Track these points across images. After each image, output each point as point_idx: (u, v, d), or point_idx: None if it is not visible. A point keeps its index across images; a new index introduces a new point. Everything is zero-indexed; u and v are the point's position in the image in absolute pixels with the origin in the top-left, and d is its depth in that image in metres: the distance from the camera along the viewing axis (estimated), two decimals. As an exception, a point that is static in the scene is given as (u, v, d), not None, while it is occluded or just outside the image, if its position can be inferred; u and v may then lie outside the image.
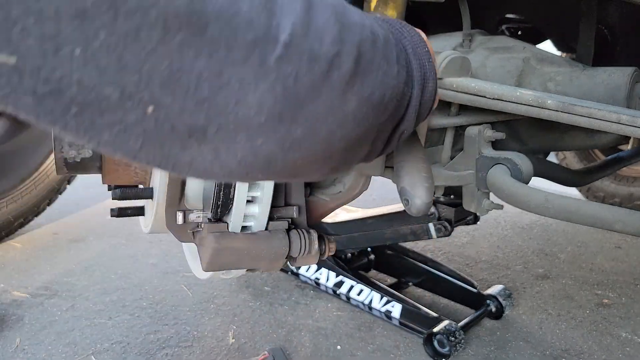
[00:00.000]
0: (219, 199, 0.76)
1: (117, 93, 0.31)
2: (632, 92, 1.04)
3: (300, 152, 0.40)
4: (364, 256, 1.85)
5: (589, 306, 1.73)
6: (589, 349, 1.46)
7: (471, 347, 1.46)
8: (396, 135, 0.51)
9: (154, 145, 0.35)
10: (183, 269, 1.95)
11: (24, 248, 2.18)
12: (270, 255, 0.79)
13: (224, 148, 0.37)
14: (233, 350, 1.41)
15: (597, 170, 1.40)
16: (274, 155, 0.39)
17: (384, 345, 1.45)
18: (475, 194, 1.04)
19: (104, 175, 0.82)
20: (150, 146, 0.35)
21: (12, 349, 1.40)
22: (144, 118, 0.33)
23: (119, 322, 1.55)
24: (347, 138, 0.42)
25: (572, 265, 2.09)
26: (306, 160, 0.42)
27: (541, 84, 1.11)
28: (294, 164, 0.41)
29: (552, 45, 1.49)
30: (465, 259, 2.11)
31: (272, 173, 0.42)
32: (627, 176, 2.63)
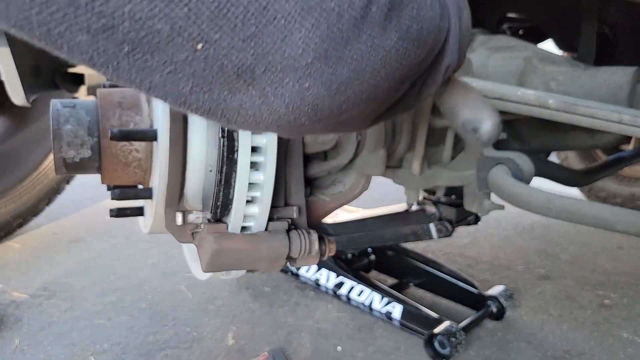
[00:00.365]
0: (218, 200, 0.75)
1: (168, 28, 0.32)
2: (634, 91, 1.03)
3: (347, 94, 0.40)
4: (365, 257, 1.84)
5: (591, 307, 1.72)
6: (591, 350, 1.46)
7: (472, 348, 1.45)
8: (441, 70, 0.50)
9: (204, 89, 0.36)
10: (182, 269, 1.94)
11: (23, 248, 2.18)
12: (270, 256, 0.79)
13: (272, 91, 0.37)
14: (233, 352, 1.40)
15: (598, 170, 1.39)
16: (322, 100, 0.39)
17: (385, 346, 1.45)
18: (476, 194, 1.03)
19: (103, 175, 0.82)
20: (200, 89, 0.36)
21: (10, 350, 1.40)
22: (193, 57, 0.34)
23: (118, 323, 1.55)
24: (390, 77, 0.42)
25: (574, 265, 2.08)
26: (352, 103, 0.42)
27: (543, 84, 1.11)
28: (340, 108, 0.41)
29: (553, 45, 1.49)
30: (466, 260, 2.11)
31: (319, 120, 0.42)
32: (628, 176, 2.63)
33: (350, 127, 0.48)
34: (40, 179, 2.24)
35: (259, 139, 0.75)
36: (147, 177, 0.84)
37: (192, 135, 0.74)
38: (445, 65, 0.50)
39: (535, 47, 1.15)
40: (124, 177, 0.83)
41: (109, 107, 0.80)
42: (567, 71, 1.09)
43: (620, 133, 0.85)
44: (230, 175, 0.74)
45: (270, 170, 0.76)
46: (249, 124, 0.40)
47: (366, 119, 0.48)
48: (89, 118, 0.79)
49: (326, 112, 0.41)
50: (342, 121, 0.44)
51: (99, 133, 0.78)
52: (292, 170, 0.84)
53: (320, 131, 0.46)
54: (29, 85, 1.60)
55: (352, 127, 0.48)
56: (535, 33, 1.61)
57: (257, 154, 0.76)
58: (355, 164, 0.96)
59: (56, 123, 0.77)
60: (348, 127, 0.48)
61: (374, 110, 0.47)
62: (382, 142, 0.95)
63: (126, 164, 0.81)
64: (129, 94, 0.82)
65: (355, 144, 0.92)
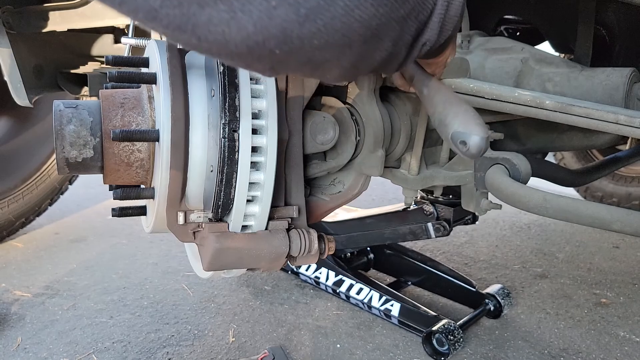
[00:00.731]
0: (219, 199, 0.76)
1: None
2: (630, 92, 1.05)
3: (317, 25, 0.40)
4: (364, 255, 1.86)
5: (587, 305, 1.73)
6: (587, 348, 1.47)
7: (470, 346, 1.46)
8: (418, 45, 0.50)
9: (174, 2, 0.37)
10: (184, 268, 1.96)
11: (25, 248, 2.19)
12: (270, 255, 0.80)
13: (240, 6, 0.38)
14: (233, 349, 1.42)
15: (595, 170, 1.40)
16: (290, 24, 0.39)
17: (383, 343, 1.46)
18: (474, 194, 1.04)
19: (105, 175, 0.83)
20: (170, 3, 0.37)
21: (13, 348, 1.41)
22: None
23: (120, 321, 1.56)
24: (366, 22, 0.42)
25: (571, 264, 2.09)
26: (324, 40, 0.41)
27: (539, 85, 1.12)
28: (311, 40, 0.41)
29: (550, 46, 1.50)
30: (464, 259, 2.12)
31: (289, 50, 0.41)
32: (625, 176, 2.64)
33: (327, 72, 0.47)
34: (42, 179, 2.25)
35: (260, 139, 0.76)
36: (149, 177, 0.85)
37: (193, 136, 0.75)
38: (423, 41, 0.50)
39: (532, 48, 1.16)
40: (126, 177, 0.84)
41: (112, 108, 0.81)
42: (564, 72, 1.10)
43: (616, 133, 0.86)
44: (231, 175, 0.75)
45: (270, 170, 0.77)
46: (218, 43, 0.40)
47: (344, 69, 0.46)
48: (91, 118, 0.80)
49: (296, 40, 0.41)
50: (316, 61, 0.44)
51: (102, 133, 0.79)
52: (292, 170, 0.85)
53: (295, 68, 0.44)
54: (31, 86, 1.61)
55: (329, 73, 0.47)
56: (532, 35, 1.62)
57: (258, 154, 0.77)
58: (354, 164, 0.98)
59: (59, 123, 0.78)
60: (325, 72, 0.47)
61: (353, 64, 0.46)
62: (381, 143, 0.96)
63: (128, 164, 0.82)
64: (131, 94, 0.83)
65: (354, 145, 0.93)
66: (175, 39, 0.40)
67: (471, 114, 0.56)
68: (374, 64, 0.48)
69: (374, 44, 0.45)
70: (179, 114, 0.74)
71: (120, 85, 0.86)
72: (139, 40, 1.15)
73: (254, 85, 0.75)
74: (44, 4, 1.52)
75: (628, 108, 1.03)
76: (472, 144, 0.53)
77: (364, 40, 0.43)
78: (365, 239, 1.61)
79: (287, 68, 0.45)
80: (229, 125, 0.73)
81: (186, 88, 0.74)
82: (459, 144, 0.54)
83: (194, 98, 0.75)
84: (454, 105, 0.59)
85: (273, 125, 0.76)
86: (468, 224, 1.57)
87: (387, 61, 0.49)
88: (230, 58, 0.43)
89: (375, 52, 0.46)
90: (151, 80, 0.77)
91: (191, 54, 0.76)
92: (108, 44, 1.84)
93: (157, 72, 0.76)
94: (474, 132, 0.54)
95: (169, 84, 0.73)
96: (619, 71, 1.05)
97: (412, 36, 0.48)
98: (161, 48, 0.76)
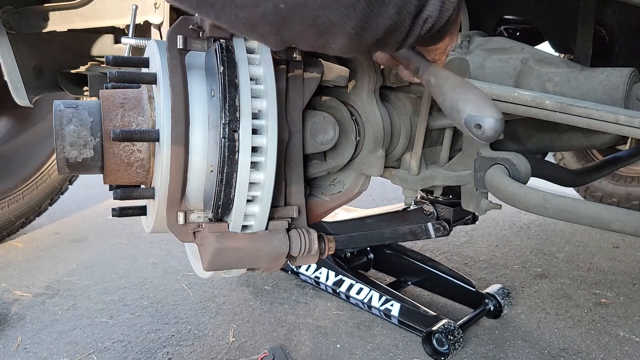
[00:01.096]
0: (219, 199, 0.76)
1: None
2: (629, 92, 1.05)
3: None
4: (363, 255, 1.86)
5: (587, 305, 1.73)
6: (587, 348, 1.47)
7: (470, 345, 1.46)
8: (421, 19, 0.50)
9: None
10: (184, 268, 1.96)
11: (25, 248, 2.19)
12: (270, 255, 0.80)
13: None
14: (233, 349, 1.42)
15: (595, 170, 1.40)
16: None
17: (383, 343, 1.46)
18: (473, 194, 1.04)
19: (105, 175, 0.83)
20: None
21: (13, 348, 1.41)
22: None
23: (120, 321, 1.56)
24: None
25: (570, 264, 2.09)
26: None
27: (539, 85, 1.12)
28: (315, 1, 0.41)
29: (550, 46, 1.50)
30: (464, 259, 2.12)
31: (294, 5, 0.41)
32: (625, 176, 2.64)
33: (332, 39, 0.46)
34: (42, 179, 2.25)
35: (260, 139, 0.76)
36: (149, 177, 0.85)
37: (193, 136, 0.76)
38: (425, 16, 0.50)
39: (532, 48, 1.16)
40: (126, 177, 0.84)
41: (112, 108, 0.81)
42: (564, 72, 1.11)
43: (616, 133, 0.86)
44: (231, 175, 0.75)
45: (270, 170, 0.77)
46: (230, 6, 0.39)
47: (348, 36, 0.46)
48: (91, 119, 0.80)
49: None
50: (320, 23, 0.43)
51: (102, 133, 0.80)
52: (292, 170, 0.85)
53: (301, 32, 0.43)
54: (31, 86, 1.61)
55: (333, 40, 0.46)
56: (532, 35, 1.62)
57: (258, 154, 0.77)
58: (354, 164, 0.98)
59: (59, 123, 0.78)
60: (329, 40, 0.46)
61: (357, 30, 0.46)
62: (381, 143, 0.96)
63: (128, 164, 0.82)
64: (131, 95, 0.83)
65: (354, 145, 0.93)
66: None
67: (483, 97, 0.56)
68: (378, 33, 0.48)
69: (377, 6, 0.45)
70: (179, 114, 0.74)
71: (120, 86, 0.86)
72: (139, 41, 1.15)
73: (254, 85, 0.75)
74: (44, 4, 1.52)
75: (628, 108, 1.03)
76: (487, 127, 0.53)
77: (368, 0, 0.43)
78: (365, 239, 1.61)
79: (292, 32, 0.44)
80: (229, 125, 0.73)
81: (186, 88, 0.74)
82: (473, 127, 0.54)
83: (194, 98, 0.75)
84: (464, 90, 0.58)
85: (273, 125, 0.76)
86: (468, 224, 1.57)
87: (391, 31, 0.48)
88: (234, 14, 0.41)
89: (380, 18, 0.46)
90: (151, 81, 0.77)
91: (191, 54, 0.76)
92: (108, 44, 1.84)
93: (157, 73, 0.76)
94: (488, 114, 0.54)
95: (169, 84, 0.73)
96: (619, 71, 1.05)
97: (416, 7, 0.48)
98: (161, 48, 0.77)
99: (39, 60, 1.66)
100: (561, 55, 1.57)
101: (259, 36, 0.45)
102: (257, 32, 0.44)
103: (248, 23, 0.43)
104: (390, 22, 0.47)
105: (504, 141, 1.26)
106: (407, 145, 1.04)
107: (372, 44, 0.49)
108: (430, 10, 0.50)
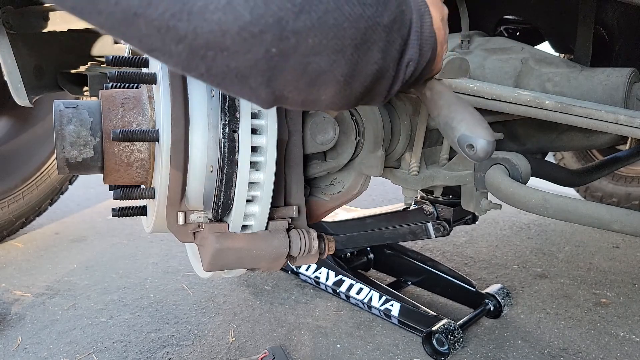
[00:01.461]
0: (219, 199, 0.76)
1: None
2: (630, 92, 1.05)
3: (311, 18, 0.41)
4: (363, 255, 1.86)
5: (587, 305, 1.73)
6: (587, 348, 1.47)
7: (470, 345, 1.46)
8: (404, 63, 0.52)
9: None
10: (184, 268, 1.96)
11: (25, 248, 2.19)
12: (270, 255, 0.80)
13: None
14: (233, 349, 1.42)
15: (595, 170, 1.40)
16: (286, 15, 0.40)
17: (383, 343, 1.46)
18: (473, 194, 1.05)
19: (105, 175, 0.83)
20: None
21: (13, 348, 1.41)
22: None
23: (120, 321, 1.56)
24: (354, 22, 0.43)
25: (570, 264, 2.09)
26: (318, 41, 0.42)
27: (539, 85, 1.12)
28: (306, 42, 0.42)
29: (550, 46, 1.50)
30: (464, 259, 2.12)
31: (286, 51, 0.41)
32: (624, 176, 2.64)
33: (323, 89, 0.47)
34: (42, 179, 2.25)
35: (259, 139, 0.76)
36: (149, 177, 0.85)
37: (193, 136, 0.76)
38: (407, 60, 0.51)
39: (532, 48, 1.16)
40: (126, 177, 0.84)
41: (112, 108, 0.81)
42: (564, 72, 1.10)
43: (616, 133, 0.86)
44: (231, 175, 0.75)
45: (270, 170, 0.77)
46: (215, 34, 0.39)
47: (338, 84, 0.47)
48: (91, 119, 0.80)
49: (291, 36, 0.41)
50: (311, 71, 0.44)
51: (102, 133, 0.80)
52: (292, 170, 0.85)
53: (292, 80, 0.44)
54: (31, 86, 1.61)
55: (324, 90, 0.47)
56: (532, 35, 1.62)
57: (257, 153, 0.77)
58: (354, 164, 0.98)
59: (59, 123, 0.78)
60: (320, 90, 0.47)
61: (346, 78, 0.47)
62: (381, 143, 0.96)
63: (128, 164, 0.82)
64: (131, 95, 0.83)
65: (354, 145, 0.93)
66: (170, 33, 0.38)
67: (477, 118, 0.57)
68: (366, 80, 0.49)
69: (364, 51, 0.46)
70: (179, 114, 0.74)
71: (120, 86, 0.86)
72: (139, 41, 1.15)
73: (254, 85, 0.75)
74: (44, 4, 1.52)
75: (628, 108, 1.03)
76: (479, 148, 0.55)
77: (355, 45, 0.45)
78: (365, 239, 1.61)
79: (284, 82, 0.44)
80: (229, 125, 0.74)
81: (186, 88, 0.74)
82: (466, 147, 0.55)
83: (193, 98, 0.75)
84: (459, 109, 0.60)
85: (273, 125, 0.76)
86: (468, 224, 1.57)
87: (378, 77, 0.50)
88: (226, 64, 0.41)
89: (367, 65, 0.48)
90: (151, 81, 0.77)
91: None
92: (108, 44, 1.84)
93: (157, 73, 0.76)
94: (481, 135, 0.55)
95: (168, 84, 0.73)
96: (619, 71, 1.05)
97: (398, 51, 0.50)
98: (161, 48, 0.77)
99: (39, 60, 1.66)
100: (561, 55, 1.57)
101: (250, 90, 0.45)
102: (249, 85, 0.44)
103: (240, 74, 0.42)
104: (377, 67, 0.48)
105: (504, 141, 1.26)
106: (407, 145, 1.04)
107: (362, 92, 0.50)
108: (410, 53, 0.51)
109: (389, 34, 0.47)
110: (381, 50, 0.48)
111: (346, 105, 0.51)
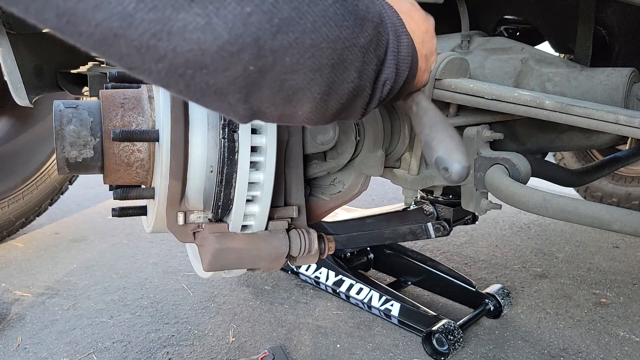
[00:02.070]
0: (219, 199, 0.77)
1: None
2: (629, 92, 1.05)
3: (289, 38, 0.42)
4: (363, 255, 1.86)
5: (587, 305, 1.73)
6: (587, 347, 1.47)
7: (470, 345, 1.46)
8: (380, 82, 0.53)
9: (149, 4, 0.36)
10: (184, 268, 1.96)
11: (25, 248, 2.19)
12: (270, 255, 0.80)
13: (215, 11, 0.38)
14: (233, 349, 1.42)
15: (595, 170, 1.40)
16: (264, 34, 0.40)
17: (383, 343, 1.46)
18: (473, 194, 1.04)
19: (105, 175, 0.83)
20: (145, 6, 0.36)
21: (13, 348, 1.41)
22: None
23: (120, 321, 1.56)
24: (332, 43, 0.44)
25: (570, 264, 2.09)
26: (295, 60, 0.43)
27: (539, 85, 1.12)
28: (283, 60, 0.42)
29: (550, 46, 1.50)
30: (464, 259, 2.12)
31: (263, 68, 0.42)
32: (624, 176, 2.64)
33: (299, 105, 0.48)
34: (42, 179, 2.25)
35: (259, 139, 0.76)
36: (149, 177, 0.85)
37: (193, 136, 0.76)
38: (383, 79, 0.53)
39: (532, 48, 1.16)
40: (126, 177, 0.84)
41: (112, 108, 0.81)
42: (564, 72, 1.10)
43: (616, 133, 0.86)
44: (231, 176, 0.75)
45: (270, 170, 0.77)
46: (194, 53, 0.39)
47: (315, 101, 0.48)
48: (91, 119, 0.80)
49: (269, 54, 0.41)
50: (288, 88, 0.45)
51: (102, 133, 0.80)
52: (292, 170, 0.85)
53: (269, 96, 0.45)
54: (31, 86, 1.61)
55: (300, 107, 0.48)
56: (532, 35, 1.62)
57: (257, 154, 0.77)
58: (354, 164, 0.98)
59: (59, 123, 0.78)
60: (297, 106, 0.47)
61: (322, 96, 0.47)
62: (381, 143, 0.96)
63: (128, 164, 0.83)
64: (131, 95, 0.84)
65: (354, 145, 0.93)
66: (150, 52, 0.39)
67: (456, 141, 0.60)
68: (342, 98, 0.50)
69: (341, 70, 0.47)
70: (178, 114, 0.74)
71: (120, 86, 0.86)
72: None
73: (254, 85, 0.75)
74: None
75: (628, 108, 1.03)
76: (454, 172, 0.57)
77: (332, 65, 0.46)
78: (365, 239, 1.61)
79: (261, 98, 0.45)
80: (229, 125, 0.74)
81: (186, 88, 0.74)
82: (441, 169, 0.58)
83: (194, 98, 0.75)
84: (440, 130, 0.62)
85: (272, 125, 0.76)
86: (468, 224, 1.57)
87: (354, 96, 0.51)
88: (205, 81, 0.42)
89: (344, 83, 0.48)
90: (151, 81, 0.77)
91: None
92: (108, 44, 1.83)
93: (157, 73, 0.76)
94: (456, 160, 0.57)
95: (169, 84, 0.73)
96: (619, 71, 1.05)
97: (374, 71, 0.51)
98: (161, 48, 0.76)
99: (39, 60, 1.66)
100: (561, 55, 1.57)
101: (228, 106, 0.45)
102: (227, 101, 0.44)
103: (219, 91, 0.43)
104: (353, 85, 0.49)
105: (504, 141, 1.26)
106: (407, 145, 1.04)
107: (338, 109, 0.51)
108: (387, 73, 0.53)
109: (365, 54, 0.49)
110: (357, 70, 0.49)
111: (322, 121, 0.52)
